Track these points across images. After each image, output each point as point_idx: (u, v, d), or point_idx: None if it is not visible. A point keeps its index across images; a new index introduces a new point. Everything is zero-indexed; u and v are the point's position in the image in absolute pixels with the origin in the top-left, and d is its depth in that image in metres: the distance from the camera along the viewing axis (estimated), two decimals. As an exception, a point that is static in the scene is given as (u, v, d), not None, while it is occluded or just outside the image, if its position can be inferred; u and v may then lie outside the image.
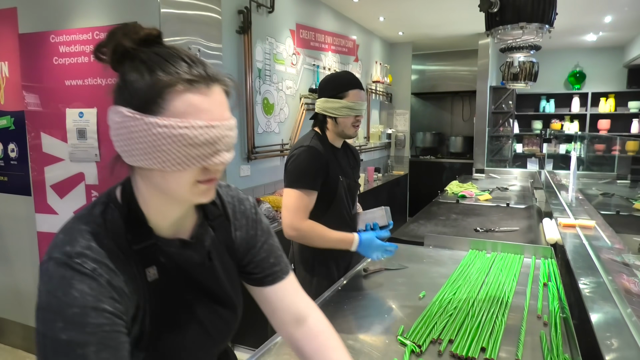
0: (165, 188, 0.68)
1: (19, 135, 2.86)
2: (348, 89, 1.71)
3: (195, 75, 0.65)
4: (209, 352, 0.84)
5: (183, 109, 0.64)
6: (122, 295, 0.66)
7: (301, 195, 1.66)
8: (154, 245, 0.71)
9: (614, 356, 0.89)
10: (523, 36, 2.22)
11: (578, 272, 1.36)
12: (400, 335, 1.26)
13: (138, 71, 0.65)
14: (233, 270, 0.86)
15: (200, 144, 0.64)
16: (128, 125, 0.64)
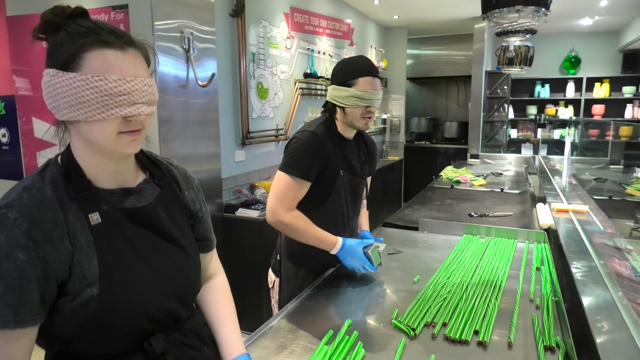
0: (92, 139, 0.78)
1: (10, 120, 2.83)
2: (358, 76, 1.55)
3: (110, 37, 0.76)
4: (165, 295, 0.88)
5: (98, 66, 0.74)
6: (46, 243, 0.73)
7: (292, 182, 1.54)
8: (93, 194, 0.81)
9: (604, 338, 0.91)
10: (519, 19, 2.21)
11: (570, 256, 1.37)
12: (394, 319, 1.27)
13: (61, 38, 0.76)
14: (183, 221, 0.96)
15: (115, 94, 0.74)
16: (54, 83, 0.75)
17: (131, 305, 0.82)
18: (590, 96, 6.66)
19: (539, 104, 7.00)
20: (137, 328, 0.85)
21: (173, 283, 0.90)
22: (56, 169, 0.81)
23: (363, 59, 1.63)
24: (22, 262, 0.71)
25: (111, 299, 0.79)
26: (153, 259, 0.86)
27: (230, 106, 3.20)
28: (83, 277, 0.77)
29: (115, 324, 0.81)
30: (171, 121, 2.41)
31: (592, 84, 6.64)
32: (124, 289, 0.81)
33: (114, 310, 0.80)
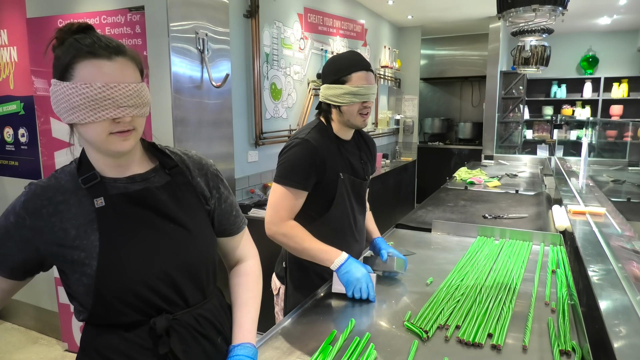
0: (88, 139, 0.90)
1: (29, 120, 2.88)
2: (351, 72, 1.48)
3: (98, 48, 0.85)
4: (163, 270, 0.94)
5: (86, 74, 0.85)
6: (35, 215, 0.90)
7: (287, 193, 1.48)
8: (100, 182, 0.93)
9: (622, 343, 0.89)
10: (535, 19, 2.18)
11: (587, 259, 1.35)
12: (407, 321, 1.26)
13: (62, 51, 0.87)
14: (194, 206, 1.03)
15: (101, 99, 0.84)
16: (55, 91, 0.87)
17: (127, 276, 0.91)
18: (608, 96, 6.55)
19: (555, 105, 6.89)
20: (138, 300, 0.92)
21: (171, 259, 0.96)
22: (75, 164, 0.96)
23: (354, 53, 1.57)
24: (9, 223, 0.91)
25: (108, 271, 0.89)
26: (150, 237, 0.95)
27: (244, 107, 3.22)
28: (82, 250, 0.90)
29: (115, 294, 0.90)
30: (185, 121, 2.43)
31: (610, 84, 6.53)
32: (120, 262, 0.91)
33: (112, 279, 0.90)
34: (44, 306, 3.06)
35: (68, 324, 2.84)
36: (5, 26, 2.89)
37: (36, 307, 3.12)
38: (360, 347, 1.12)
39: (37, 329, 3.16)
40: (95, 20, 2.46)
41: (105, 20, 2.44)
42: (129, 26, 2.40)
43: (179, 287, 0.97)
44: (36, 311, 3.12)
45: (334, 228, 1.60)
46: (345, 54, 1.58)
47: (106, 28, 2.45)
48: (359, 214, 1.69)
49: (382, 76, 5.80)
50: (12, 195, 3.05)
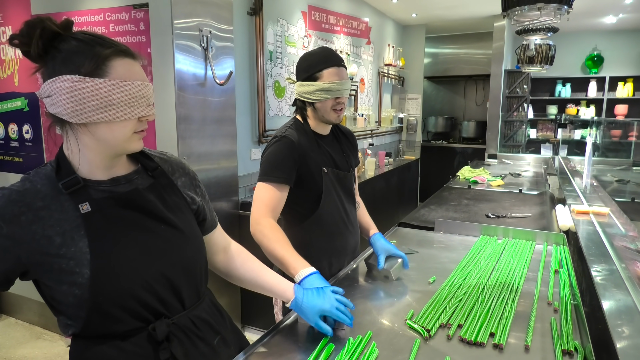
0: (109, 138, 0.86)
1: (33, 116, 2.90)
2: (322, 69, 1.49)
3: (124, 48, 0.86)
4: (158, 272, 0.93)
5: (123, 72, 0.85)
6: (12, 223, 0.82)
7: (269, 188, 1.48)
8: (83, 187, 0.88)
9: (625, 344, 0.89)
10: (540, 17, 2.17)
11: (590, 259, 1.35)
12: (409, 320, 1.26)
13: (78, 47, 0.83)
14: (180, 206, 1.02)
15: (138, 97, 0.86)
16: (79, 88, 0.81)
17: (124, 282, 0.88)
18: (613, 96, 6.51)
19: (559, 104, 6.86)
20: (137, 306, 0.89)
21: (166, 260, 0.94)
22: (50, 167, 0.90)
23: (325, 49, 1.58)
24: None
25: (103, 278, 0.85)
26: (142, 238, 0.92)
27: (247, 104, 3.22)
28: (70, 258, 0.85)
29: (113, 301, 0.87)
30: (189, 119, 2.43)
31: (615, 84, 6.49)
32: (115, 267, 0.87)
33: (107, 287, 0.86)
34: (48, 302, 3.08)
35: (71, 320, 2.86)
36: (10, 23, 2.91)
37: (40, 303, 3.14)
38: (362, 345, 1.12)
39: (40, 324, 3.18)
40: (100, 17, 2.46)
41: (109, 18, 2.45)
42: (133, 23, 2.40)
43: (176, 288, 0.96)
44: (40, 307, 3.14)
45: (327, 223, 1.61)
46: (316, 50, 1.58)
47: (110, 25, 2.45)
48: (348, 205, 1.70)
49: (386, 74, 5.78)
50: (16, 192, 3.07)
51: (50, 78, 0.83)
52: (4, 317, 3.33)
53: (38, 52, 0.83)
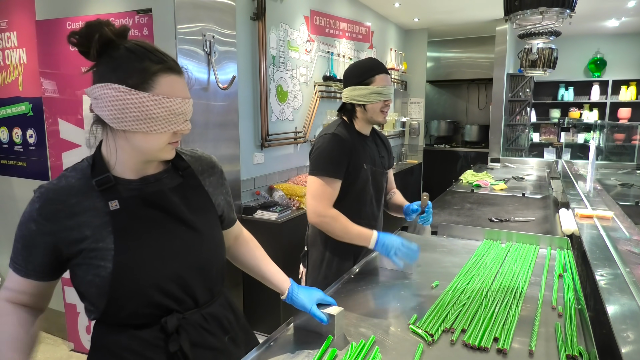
0: (144, 147, 0.92)
1: (37, 121, 2.91)
2: (375, 74, 1.70)
3: (172, 65, 0.91)
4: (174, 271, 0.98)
5: (167, 89, 0.89)
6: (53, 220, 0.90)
7: (323, 183, 1.66)
8: (114, 185, 0.94)
9: (630, 349, 0.88)
10: (543, 21, 2.17)
11: (595, 264, 1.34)
12: (412, 324, 1.26)
13: (129, 58, 0.88)
14: (204, 207, 1.07)
15: (177, 113, 0.91)
16: (124, 99, 0.86)
17: (141, 278, 0.93)
18: (616, 99, 6.50)
19: (562, 107, 6.85)
20: (151, 301, 0.95)
21: (182, 261, 0.99)
22: (87, 163, 0.97)
23: (373, 59, 1.79)
24: (32, 232, 0.91)
25: (123, 273, 0.91)
26: (162, 238, 0.97)
27: (250, 109, 3.23)
28: (98, 252, 0.91)
29: (129, 295, 0.93)
30: (192, 123, 2.42)
31: (618, 87, 6.48)
32: (135, 264, 0.93)
33: (126, 282, 0.92)
34: (51, 306, 3.06)
35: (74, 324, 2.86)
36: (15, 28, 2.93)
37: (43, 307, 3.14)
38: (365, 349, 1.12)
39: (43, 328, 3.18)
40: (104, 22, 2.48)
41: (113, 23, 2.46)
42: (137, 28, 2.42)
43: (190, 287, 1.00)
44: (43, 311, 3.14)
45: (355, 211, 1.74)
46: (366, 59, 1.80)
47: (114, 30, 2.46)
48: (376, 201, 1.87)
49: (388, 78, 5.79)
50: (20, 196, 3.08)
51: (99, 82, 0.88)
52: (7, 321, 3.33)
53: (94, 54, 0.88)
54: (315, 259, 1.83)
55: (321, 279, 1.77)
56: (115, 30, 0.90)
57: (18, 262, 0.94)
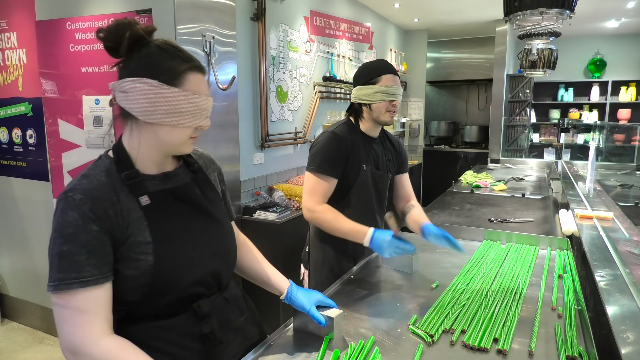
0: (167, 140, 0.96)
1: (37, 121, 2.91)
2: (381, 74, 1.71)
3: (198, 64, 0.98)
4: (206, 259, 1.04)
5: (194, 86, 0.95)
6: (105, 217, 0.90)
7: (317, 179, 1.68)
8: (142, 180, 0.97)
9: (630, 349, 0.88)
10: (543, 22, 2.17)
11: (594, 264, 1.34)
12: (412, 325, 1.26)
13: (161, 55, 0.93)
14: (216, 199, 1.13)
15: (202, 109, 0.97)
16: (156, 93, 0.91)
17: (181, 268, 0.98)
18: (616, 100, 6.50)
19: (562, 108, 6.86)
20: (187, 289, 1.00)
21: (211, 249, 1.06)
22: (108, 160, 0.98)
23: (382, 60, 1.79)
24: (96, 232, 0.88)
25: (165, 264, 0.95)
26: (193, 230, 1.03)
27: (250, 109, 3.23)
28: (138, 245, 0.93)
29: (169, 286, 0.96)
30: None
31: (618, 88, 6.48)
32: (174, 255, 0.97)
33: (168, 273, 0.95)
34: (50, 306, 3.08)
35: (74, 325, 2.86)
36: (15, 28, 2.93)
37: (42, 307, 3.14)
38: (365, 350, 1.12)
39: (43, 329, 3.18)
40: (103, 23, 2.48)
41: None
42: (137, 29, 2.42)
43: (218, 273, 1.07)
44: (42, 311, 3.14)
45: (354, 211, 1.73)
46: (374, 60, 1.80)
47: (114, 30, 2.47)
48: (378, 205, 1.86)
49: (388, 79, 5.79)
50: (19, 196, 3.08)
51: (130, 77, 0.92)
52: (7, 322, 3.33)
53: (123, 51, 0.92)
54: (317, 260, 1.83)
55: (324, 279, 1.77)
56: (145, 29, 0.94)
57: (89, 273, 0.87)
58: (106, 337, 0.88)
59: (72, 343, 0.86)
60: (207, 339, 1.03)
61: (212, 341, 1.03)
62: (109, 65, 2.50)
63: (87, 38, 2.53)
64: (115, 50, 0.93)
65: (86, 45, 2.54)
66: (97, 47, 2.52)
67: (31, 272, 3.14)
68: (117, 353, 0.86)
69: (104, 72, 2.52)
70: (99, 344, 0.86)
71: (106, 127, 2.54)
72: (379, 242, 1.52)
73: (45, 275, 1.01)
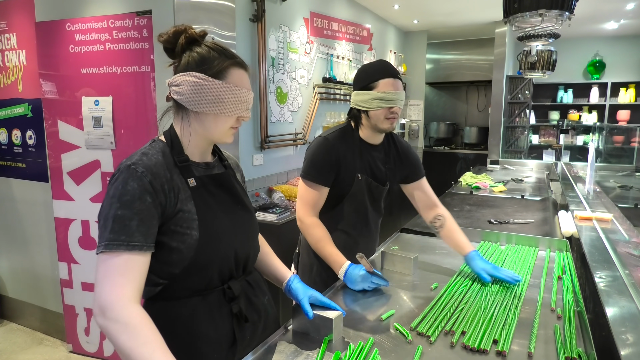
0: (212, 127, 1.09)
1: (37, 122, 2.91)
2: (378, 79, 1.57)
3: (241, 62, 1.12)
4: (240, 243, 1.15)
5: (236, 79, 1.08)
6: (160, 191, 1.00)
7: (308, 187, 1.63)
8: (189, 164, 1.10)
9: (629, 351, 0.88)
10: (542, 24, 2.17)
11: (594, 266, 1.34)
12: (412, 326, 1.25)
13: (209, 53, 1.08)
14: (244, 190, 1.26)
15: (243, 101, 1.09)
16: (202, 85, 1.05)
17: (220, 246, 1.09)
18: (615, 102, 6.51)
19: (561, 110, 6.86)
20: (222, 267, 1.11)
21: (243, 234, 1.17)
22: (162, 143, 1.10)
23: (382, 62, 1.65)
24: (149, 203, 0.97)
25: (207, 241, 1.06)
26: (231, 214, 1.15)
27: (250, 110, 3.23)
28: (185, 220, 1.03)
29: (208, 261, 1.07)
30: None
31: (617, 89, 6.49)
32: (216, 233, 1.08)
33: (209, 249, 1.06)
34: (49, 307, 3.08)
35: (73, 326, 2.85)
36: (15, 30, 2.93)
37: (41, 308, 3.13)
38: (364, 351, 1.12)
39: (42, 330, 3.17)
40: (103, 24, 2.48)
41: (112, 24, 2.46)
42: (136, 30, 2.42)
43: (248, 256, 1.19)
44: (41, 312, 3.14)
45: (346, 221, 1.71)
46: (373, 62, 1.66)
47: (114, 32, 2.47)
48: (372, 213, 1.79)
49: (388, 80, 5.80)
50: (19, 197, 3.08)
51: (183, 72, 1.06)
52: (6, 323, 3.33)
53: (178, 51, 1.08)
54: (306, 263, 1.79)
55: (311, 283, 1.70)
56: (198, 33, 1.10)
57: (137, 239, 0.95)
58: (135, 304, 0.92)
59: (105, 300, 0.90)
60: (235, 317, 1.13)
61: (239, 319, 1.14)
62: (108, 67, 2.51)
63: (86, 39, 2.53)
64: (172, 51, 1.09)
65: (86, 46, 2.54)
66: (96, 48, 2.52)
67: (30, 273, 3.13)
68: (139, 322, 0.90)
69: (104, 73, 2.52)
70: (127, 307, 0.90)
71: (107, 128, 2.54)
72: (353, 277, 1.48)
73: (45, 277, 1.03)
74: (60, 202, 2.75)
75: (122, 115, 2.52)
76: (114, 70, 2.50)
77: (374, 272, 1.48)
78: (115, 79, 2.50)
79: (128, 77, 2.48)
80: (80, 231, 2.74)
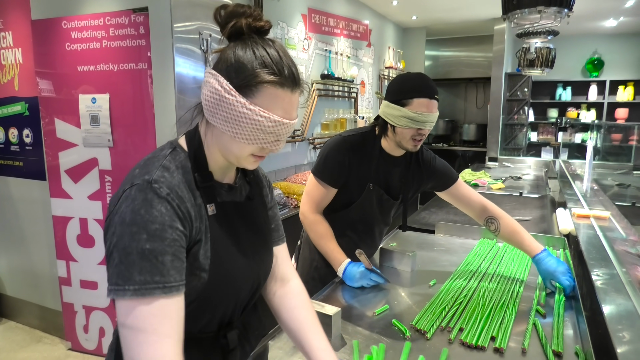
0: (227, 149, 0.84)
1: (34, 121, 2.90)
2: (413, 97, 1.46)
3: (287, 79, 0.80)
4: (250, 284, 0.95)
5: (267, 102, 0.79)
6: (187, 219, 0.80)
7: (316, 184, 1.60)
8: (212, 186, 0.87)
9: (625, 348, 0.88)
10: (541, 21, 2.17)
11: (591, 264, 1.34)
12: (410, 323, 1.26)
13: (247, 57, 0.80)
14: (265, 217, 1.03)
15: (269, 132, 0.81)
16: (222, 95, 0.79)
17: (229, 291, 0.89)
18: (614, 99, 6.51)
19: (560, 107, 6.86)
20: (225, 313, 0.92)
21: (256, 273, 0.96)
22: (183, 154, 0.86)
23: (421, 77, 1.53)
24: (181, 232, 0.78)
25: (216, 285, 0.85)
26: (249, 256, 0.93)
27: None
28: (196, 259, 0.82)
29: (210, 307, 0.88)
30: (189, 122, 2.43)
31: (616, 87, 6.49)
32: (227, 278, 0.88)
33: (215, 295, 0.86)
34: (48, 305, 3.08)
35: (72, 323, 2.85)
36: (10, 28, 2.91)
37: (40, 306, 3.13)
38: (362, 348, 1.12)
39: (40, 328, 3.17)
40: (99, 21, 2.47)
41: (109, 22, 2.45)
42: (133, 27, 2.41)
43: (254, 295, 0.99)
44: (40, 310, 3.14)
45: (348, 225, 1.68)
46: (413, 75, 1.54)
47: (110, 29, 2.45)
48: (378, 223, 1.72)
49: (387, 77, 5.79)
50: (16, 196, 3.07)
51: (213, 69, 0.83)
52: (4, 321, 3.32)
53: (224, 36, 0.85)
54: (306, 257, 1.77)
55: (309, 279, 1.69)
56: (251, 24, 0.82)
57: (173, 278, 0.74)
58: None
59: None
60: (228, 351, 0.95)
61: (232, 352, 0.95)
62: (105, 64, 2.50)
63: (83, 37, 2.52)
64: None
65: (82, 44, 2.53)
66: (93, 46, 2.51)
67: (29, 272, 3.13)
68: None
69: (100, 70, 2.51)
70: None
71: (104, 126, 2.53)
72: (352, 274, 1.50)
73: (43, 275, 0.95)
74: (58, 200, 2.75)
75: (120, 113, 2.52)
76: (110, 68, 2.49)
77: (372, 269, 1.50)
78: (112, 76, 2.49)
79: (125, 75, 2.47)
80: (79, 229, 2.74)
